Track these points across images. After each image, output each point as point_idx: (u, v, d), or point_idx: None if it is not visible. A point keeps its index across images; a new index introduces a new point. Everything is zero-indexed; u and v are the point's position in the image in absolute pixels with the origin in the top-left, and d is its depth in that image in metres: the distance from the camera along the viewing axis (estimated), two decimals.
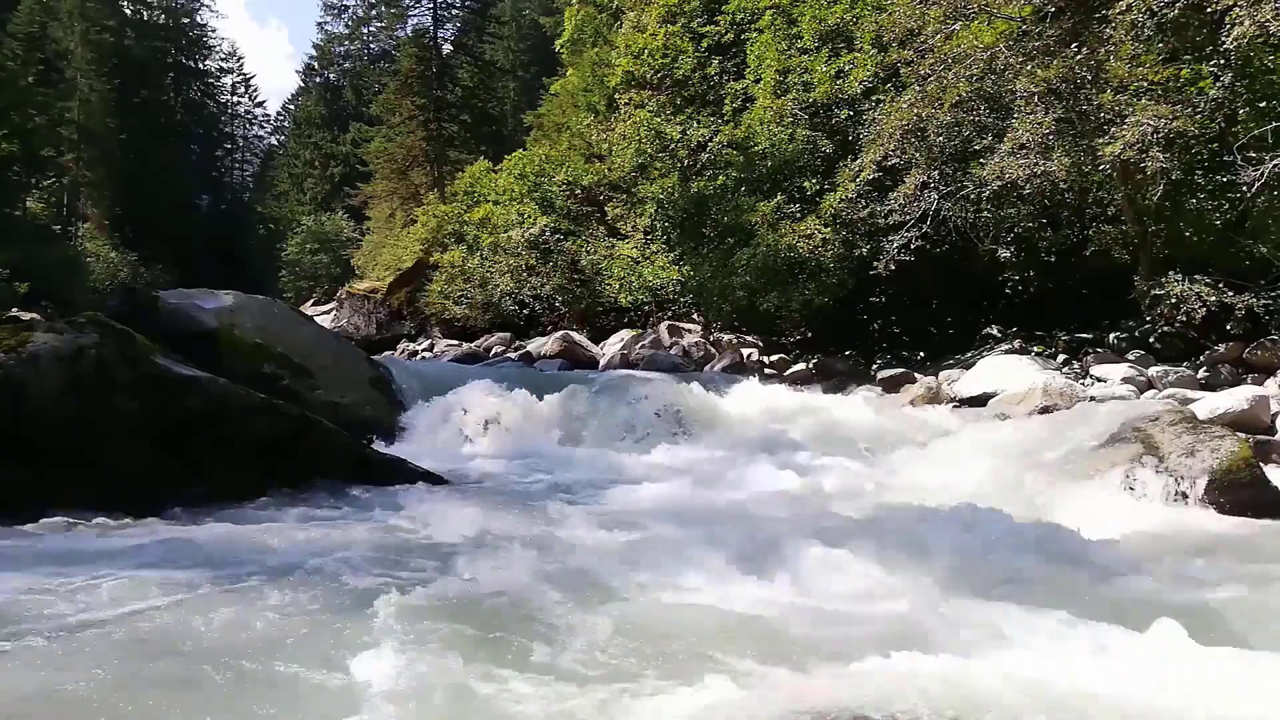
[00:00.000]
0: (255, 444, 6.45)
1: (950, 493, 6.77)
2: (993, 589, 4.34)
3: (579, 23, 27.58)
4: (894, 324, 15.55)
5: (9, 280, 22.87)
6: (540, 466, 8.24)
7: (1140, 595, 4.33)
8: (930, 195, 13.30)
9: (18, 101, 27.71)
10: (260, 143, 63.96)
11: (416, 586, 4.26)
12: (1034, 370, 11.09)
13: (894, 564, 4.65)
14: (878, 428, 9.77)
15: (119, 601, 3.88)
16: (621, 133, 19.94)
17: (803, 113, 16.95)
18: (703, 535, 5.33)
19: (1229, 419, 8.36)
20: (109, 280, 33.08)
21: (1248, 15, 9.36)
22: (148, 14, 52.88)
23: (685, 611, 3.96)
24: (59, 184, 34.63)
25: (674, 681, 3.22)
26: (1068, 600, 4.09)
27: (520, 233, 22.40)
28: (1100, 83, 11.26)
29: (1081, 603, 4.06)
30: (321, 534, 5.28)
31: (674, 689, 3.15)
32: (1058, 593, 4.28)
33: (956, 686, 2.95)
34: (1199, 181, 11.71)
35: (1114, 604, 4.10)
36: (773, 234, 15.62)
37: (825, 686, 3.05)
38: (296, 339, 9.56)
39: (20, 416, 5.65)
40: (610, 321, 20.90)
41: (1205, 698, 2.95)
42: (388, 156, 39.67)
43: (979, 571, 4.65)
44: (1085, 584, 4.49)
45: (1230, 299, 10.88)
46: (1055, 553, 4.93)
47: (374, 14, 57.24)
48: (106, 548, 4.83)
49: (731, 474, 7.80)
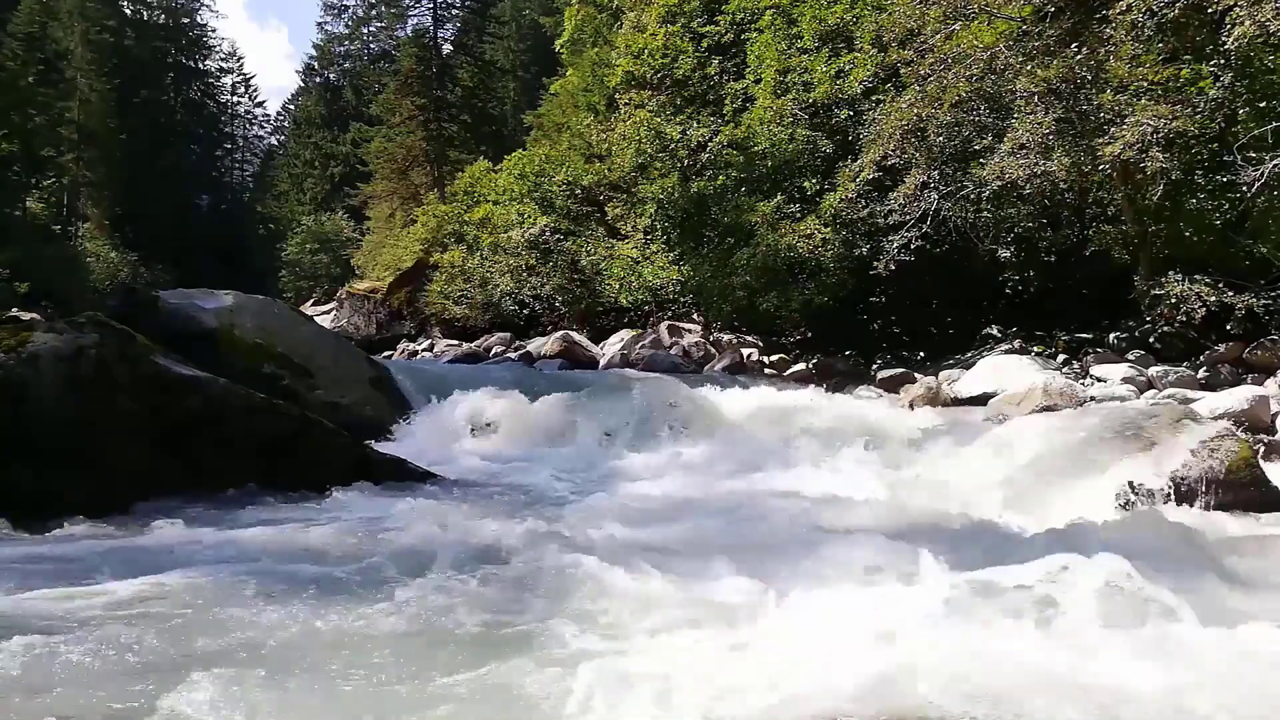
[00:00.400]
0: (255, 444, 6.45)
1: (950, 493, 6.77)
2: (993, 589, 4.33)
3: (579, 23, 27.58)
4: (894, 324, 15.55)
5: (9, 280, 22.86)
6: (541, 467, 8.24)
7: (1140, 595, 4.32)
8: (930, 195, 13.30)
9: (18, 101, 27.69)
10: (260, 143, 64.00)
11: (417, 586, 4.27)
12: (1034, 370, 11.09)
13: (894, 564, 4.64)
14: (878, 428, 9.76)
15: (119, 601, 3.88)
16: (621, 133, 19.94)
17: (803, 113, 16.95)
18: (703, 535, 5.34)
19: (1229, 419, 8.36)
20: (109, 280, 33.06)
21: (1248, 15, 9.36)
22: (148, 14, 52.88)
23: (685, 611, 3.96)
24: (59, 184, 34.59)
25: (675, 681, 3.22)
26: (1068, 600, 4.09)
27: (520, 233, 22.41)
28: (1100, 83, 11.26)
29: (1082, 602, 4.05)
30: (322, 534, 5.28)
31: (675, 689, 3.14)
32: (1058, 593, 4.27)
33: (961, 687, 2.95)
34: (1199, 181, 11.71)
35: (1115, 604, 4.10)
36: (773, 234, 15.63)
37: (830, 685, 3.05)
38: (296, 339, 9.56)
39: (20, 416, 5.65)
40: (610, 321, 20.90)
41: (1206, 697, 2.95)
42: (388, 156, 39.67)
43: (979, 571, 4.65)
44: (1085, 584, 4.48)
45: (1230, 299, 10.88)
46: (1055, 553, 4.93)
47: (374, 14, 57.23)
48: (106, 547, 4.83)
49: (731, 474, 7.80)
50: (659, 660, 3.42)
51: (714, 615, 3.92)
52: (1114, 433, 6.96)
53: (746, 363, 15.66)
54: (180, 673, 3.18)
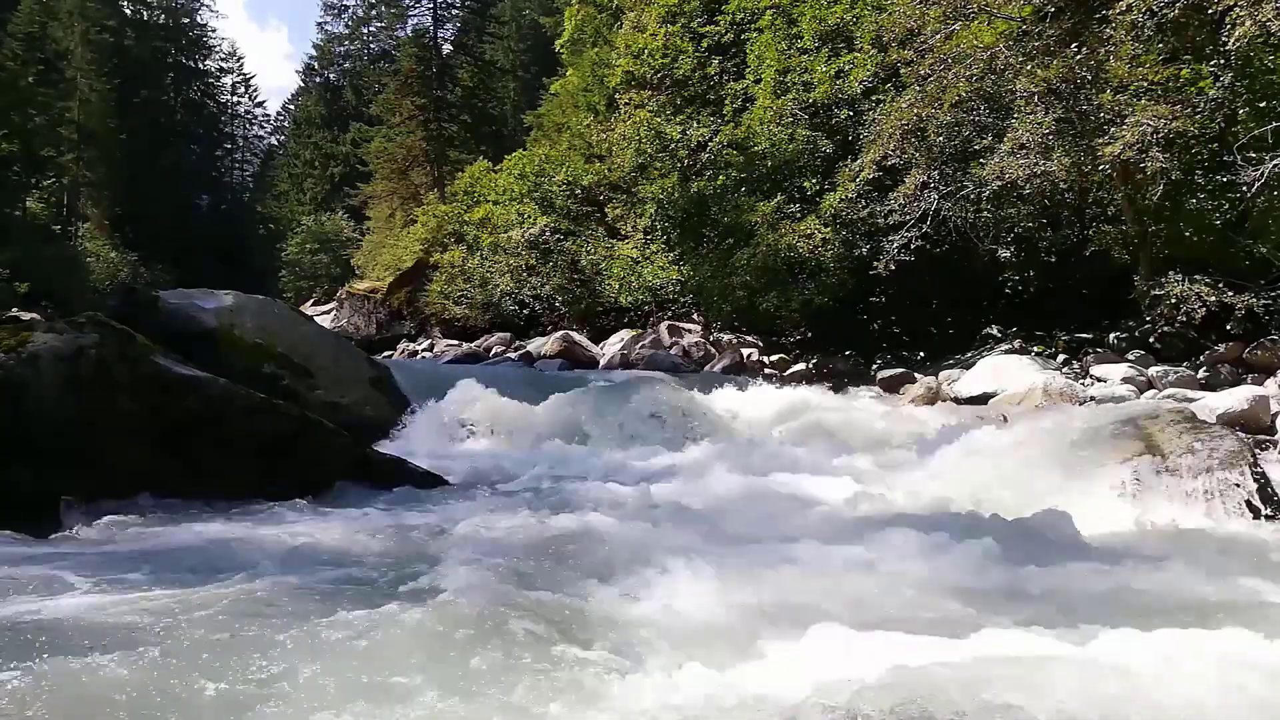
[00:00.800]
0: (255, 444, 6.44)
1: (950, 493, 6.77)
2: (993, 589, 4.34)
3: (579, 23, 27.60)
4: (894, 324, 15.56)
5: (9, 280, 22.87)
6: (540, 467, 8.23)
7: (1141, 595, 4.33)
8: (930, 195, 13.31)
9: (18, 101, 27.71)
10: (260, 143, 64.06)
11: (417, 586, 4.27)
12: (1034, 370, 11.09)
13: (894, 564, 4.65)
14: (878, 428, 9.76)
15: (118, 602, 3.88)
16: (621, 133, 19.95)
17: (803, 113, 16.96)
18: (703, 536, 5.34)
19: (1229, 419, 8.36)
20: (109, 280, 33.08)
21: (1248, 15, 9.37)
22: (148, 14, 52.91)
23: (685, 611, 3.96)
24: (59, 184, 34.61)
25: (675, 681, 3.22)
26: (1068, 600, 4.09)
27: (520, 233, 22.43)
28: (1100, 83, 11.26)
29: (1082, 603, 4.06)
30: (321, 534, 5.27)
31: (676, 688, 3.15)
32: (1058, 593, 4.28)
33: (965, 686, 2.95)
34: (1199, 181, 11.72)
35: (1115, 604, 4.10)
36: (773, 234, 15.64)
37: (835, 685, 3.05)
38: (296, 339, 9.55)
39: (20, 416, 5.64)
40: (610, 321, 20.91)
41: (1207, 697, 2.95)
42: (388, 156, 39.69)
43: (979, 572, 4.66)
44: (1086, 584, 4.49)
45: (1230, 299, 10.88)
46: (1055, 553, 4.94)
47: (374, 14, 57.28)
48: (105, 548, 4.83)
49: (731, 474, 7.79)
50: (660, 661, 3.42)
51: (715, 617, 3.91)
52: (1113, 433, 6.95)
53: (746, 363, 15.66)
54: (181, 672, 3.18)
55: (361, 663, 3.26)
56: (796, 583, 4.38)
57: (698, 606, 4.03)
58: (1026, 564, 4.77)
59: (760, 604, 4.02)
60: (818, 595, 4.22)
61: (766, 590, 4.22)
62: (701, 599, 4.12)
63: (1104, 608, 3.98)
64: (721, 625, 3.80)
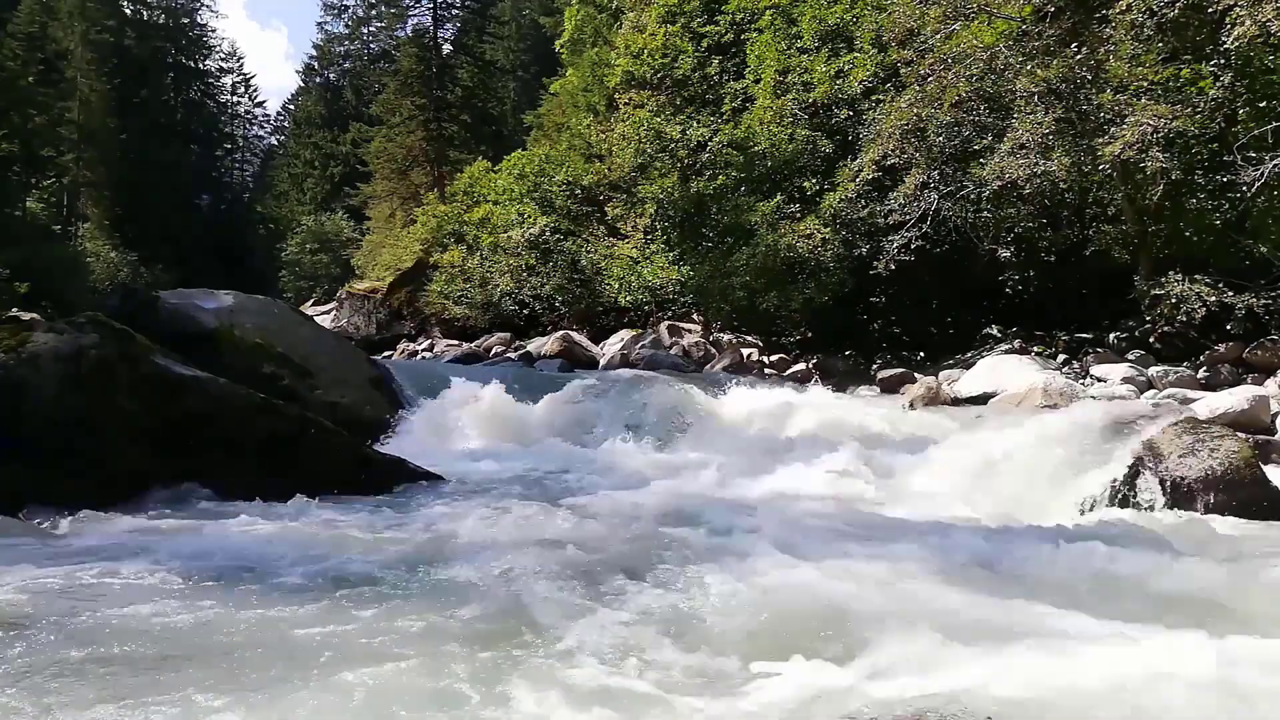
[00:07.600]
0: (255, 444, 6.44)
1: (949, 493, 6.77)
2: (994, 589, 4.34)
3: (579, 23, 27.61)
4: (894, 324, 15.56)
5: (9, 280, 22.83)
6: (539, 466, 8.23)
7: (1141, 596, 4.33)
8: (930, 195, 13.31)
9: (18, 101, 27.67)
10: (260, 143, 64.02)
11: (417, 585, 4.27)
12: (1034, 370, 11.09)
13: (894, 564, 4.64)
14: (878, 428, 9.75)
15: (118, 602, 3.88)
16: (621, 133, 19.96)
17: (802, 113, 16.97)
18: (702, 536, 5.33)
19: (1229, 419, 8.35)
20: (109, 280, 33.02)
21: (1248, 15, 9.37)
22: (148, 14, 52.83)
23: (685, 611, 3.96)
24: (59, 184, 34.59)
25: (676, 680, 3.22)
26: (1069, 601, 4.09)
27: (520, 233, 22.43)
28: (1100, 83, 11.27)
29: (1083, 603, 4.06)
30: (321, 533, 5.28)
31: (677, 687, 3.15)
32: (1059, 593, 4.27)
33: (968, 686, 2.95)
34: (1199, 181, 11.72)
35: (1115, 604, 4.10)
36: (772, 234, 15.64)
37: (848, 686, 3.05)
38: (296, 339, 9.54)
39: (20, 416, 5.65)
40: (610, 321, 20.92)
41: (1208, 698, 2.95)
42: (388, 156, 39.69)
43: (980, 572, 4.66)
44: (1086, 584, 4.49)
45: (1230, 299, 10.89)
46: (1055, 553, 4.93)
47: (374, 14, 57.24)
48: (106, 548, 4.83)
49: (731, 474, 7.79)
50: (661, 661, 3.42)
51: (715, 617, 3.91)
52: (1113, 432, 6.95)
53: (746, 362, 15.66)
54: (181, 672, 3.18)
55: (362, 661, 3.26)
56: (797, 582, 4.38)
57: (698, 606, 4.03)
58: (1024, 565, 4.77)
59: (760, 604, 4.02)
60: (818, 595, 4.22)
61: (766, 591, 4.22)
62: (702, 599, 4.12)
63: (1104, 608, 3.98)
64: (722, 625, 3.80)
